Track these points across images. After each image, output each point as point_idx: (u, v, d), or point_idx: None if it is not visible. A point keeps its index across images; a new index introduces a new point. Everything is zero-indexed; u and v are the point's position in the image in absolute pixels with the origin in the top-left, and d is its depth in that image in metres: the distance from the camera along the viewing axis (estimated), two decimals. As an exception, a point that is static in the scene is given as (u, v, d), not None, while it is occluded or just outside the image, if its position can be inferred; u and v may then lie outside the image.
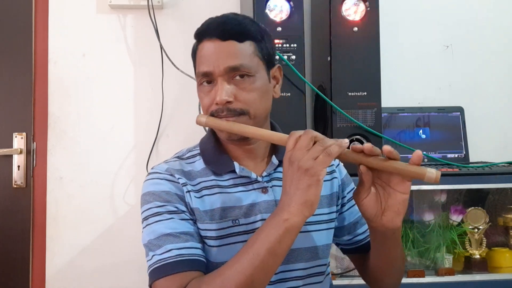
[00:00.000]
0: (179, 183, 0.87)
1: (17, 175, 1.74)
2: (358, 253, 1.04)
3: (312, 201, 0.73)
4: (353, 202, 1.01)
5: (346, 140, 0.75)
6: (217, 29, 0.87)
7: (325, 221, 0.95)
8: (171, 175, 0.88)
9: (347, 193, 1.02)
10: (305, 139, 0.74)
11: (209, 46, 0.87)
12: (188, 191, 0.87)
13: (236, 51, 0.86)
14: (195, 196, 0.87)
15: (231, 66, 0.85)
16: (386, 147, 0.75)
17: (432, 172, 0.72)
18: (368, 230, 0.97)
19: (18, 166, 1.74)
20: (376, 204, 0.80)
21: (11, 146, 1.75)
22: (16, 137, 1.75)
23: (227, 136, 0.88)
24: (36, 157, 1.75)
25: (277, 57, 1.38)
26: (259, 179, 0.91)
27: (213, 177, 0.90)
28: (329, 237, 0.97)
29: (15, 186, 1.74)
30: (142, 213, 0.87)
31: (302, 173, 0.72)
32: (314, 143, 0.74)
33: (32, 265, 1.73)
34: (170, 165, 0.91)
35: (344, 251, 1.07)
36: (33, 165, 1.75)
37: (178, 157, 0.95)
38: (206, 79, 0.88)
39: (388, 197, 0.79)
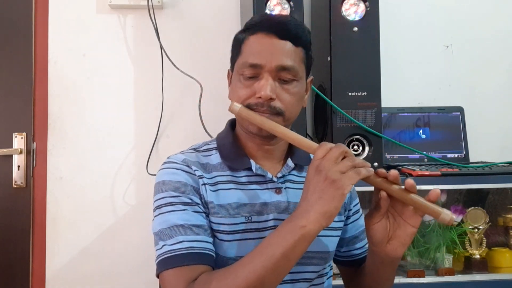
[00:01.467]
0: (195, 175, 0.87)
1: (17, 175, 1.74)
2: (350, 266, 1.05)
3: (332, 213, 0.73)
4: (357, 216, 1.03)
5: (372, 169, 0.77)
6: (277, 26, 0.87)
7: (335, 228, 0.96)
8: (188, 166, 0.88)
9: (353, 206, 1.03)
10: (336, 151, 0.75)
11: (265, 40, 0.87)
12: (204, 184, 0.87)
13: (290, 52, 0.87)
14: (210, 190, 0.87)
15: (284, 65, 0.86)
16: (410, 181, 0.77)
17: (448, 214, 0.75)
18: (365, 246, 1.01)
19: (18, 166, 1.74)
20: (385, 231, 0.81)
21: (11, 146, 1.75)
22: (16, 137, 1.75)
23: (258, 131, 0.88)
24: (36, 157, 1.75)
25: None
26: (274, 179, 0.91)
27: (229, 172, 0.90)
28: (335, 244, 0.97)
29: (15, 186, 1.74)
30: (155, 201, 0.86)
31: (328, 184, 0.73)
32: (343, 158, 0.75)
33: (32, 265, 1.73)
34: (187, 156, 0.91)
35: (337, 261, 1.08)
36: (33, 165, 1.75)
37: (194, 149, 0.95)
38: (251, 71, 0.87)
39: (398, 227, 0.81)
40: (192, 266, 0.78)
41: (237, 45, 0.92)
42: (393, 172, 0.78)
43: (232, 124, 0.98)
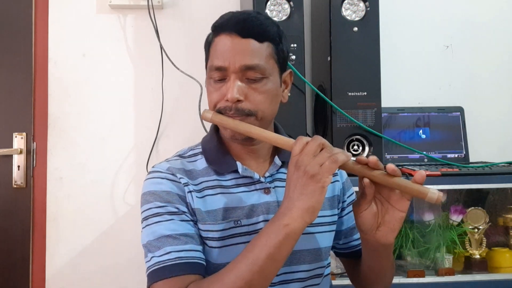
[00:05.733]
0: (180, 183, 0.86)
1: (17, 175, 1.74)
2: (351, 257, 1.04)
3: (315, 208, 0.72)
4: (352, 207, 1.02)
5: (350, 154, 0.76)
6: (238, 25, 0.85)
7: (327, 223, 0.95)
8: (173, 174, 0.87)
9: (347, 198, 1.02)
10: (313, 145, 0.74)
11: (227, 41, 0.85)
12: (190, 191, 0.86)
13: (254, 50, 0.84)
14: (196, 196, 0.86)
15: (247, 65, 0.83)
16: (391, 166, 0.76)
17: (434, 193, 0.74)
18: None
19: (18, 166, 1.74)
20: (374, 218, 0.80)
21: (11, 146, 1.75)
22: (16, 137, 1.75)
23: (231, 135, 0.86)
24: (36, 157, 1.75)
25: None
26: (262, 179, 0.90)
27: (215, 176, 0.89)
28: (331, 239, 0.96)
29: (15, 186, 1.74)
30: (142, 212, 0.85)
31: (307, 179, 0.72)
32: (321, 150, 0.74)
33: (32, 265, 1.73)
34: (172, 164, 0.89)
35: (338, 254, 1.07)
36: (33, 165, 1.75)
37: (179, 155, 0.94)
38: (218, 74, 0.86)
39: (386, 213, 0.80)
40: (181, 277, 0.77)
41: (207, 47, 0.91)
42: (372, 158, 0.76)
43: (216, 126, 0.96)
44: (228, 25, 0.86)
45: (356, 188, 1.04)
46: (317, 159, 0.73)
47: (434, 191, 0.74)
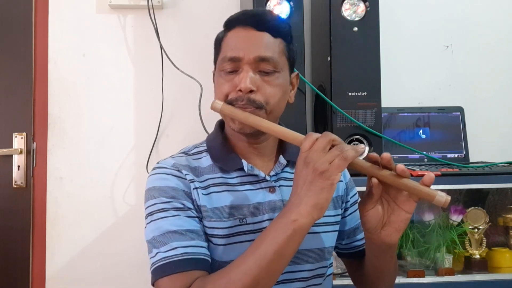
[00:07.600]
0: (186, 179, 0.86)
1: (17, 175, 1.74)
2: (354, 258, 1.04)
3: (323, 205, 0.72)
4: (355, 207, 1.01)
5: (362, 146, 0.75)
6: (253, 18, 0.87)
7: (331, 223, 0.94)
8: (178, 170, 0.86)
9: (351, 198, 1.02)
10: (323, 141, 0.73)
11: (242, 33, 0.86)
12: (196, 188, 0.85)
13: (268, 43, 0.86)
14: (202, 193, 0.86)
15: (262, 56, 0.84)
16: (400, 166, 0.75)
17: (442, 196, 0.74)
18: None
19: (18, 166, 1.74)
20: (379, 217, 0.80)
21: (11, 146, 1.75)
22: (16, 137, 1.75)
23: (240, 128, 0.86)
24: (36, 157, 1.76)
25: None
26: (267, 178, 0.89)
27: (220, 174, 0.89)
28: (334, 239, 0.96)
29: (15, 186, 1.74)
30: (146, 208, 0.85)
31: (317, 175, 0.71)
32: (331, 146, 0.74)
33: (32, 265, 1.73)
34: (177, 160, 0.89)
35: (340, 254, 1.07)
36: (33, 165, 1.75)
37: (184, 152, 0.93)
38: (231, 65, 0.86)
39: (392, 213, 0.80)
40: (187, 272, 0.77)
41: (218, 43, 0.91)
42: (385, 155, 0.75)
43: (221, 124, 0.96)
44: (243, 18, 0.87)
45: (360, 189, 1.05)
46: (327, 156, 0.72)
47: (442, 194, 0.74)
